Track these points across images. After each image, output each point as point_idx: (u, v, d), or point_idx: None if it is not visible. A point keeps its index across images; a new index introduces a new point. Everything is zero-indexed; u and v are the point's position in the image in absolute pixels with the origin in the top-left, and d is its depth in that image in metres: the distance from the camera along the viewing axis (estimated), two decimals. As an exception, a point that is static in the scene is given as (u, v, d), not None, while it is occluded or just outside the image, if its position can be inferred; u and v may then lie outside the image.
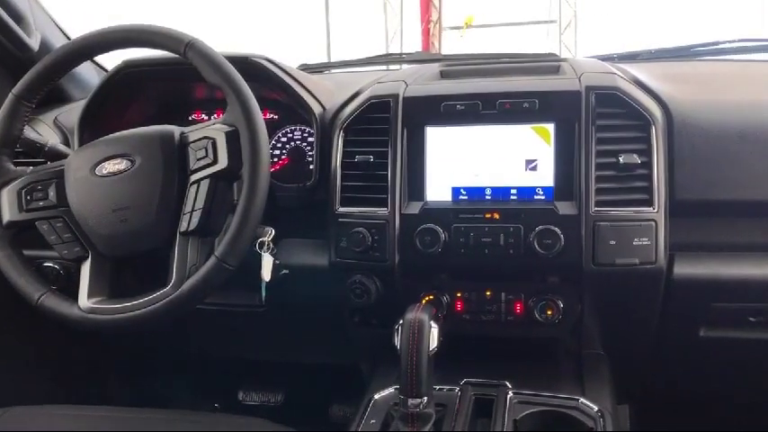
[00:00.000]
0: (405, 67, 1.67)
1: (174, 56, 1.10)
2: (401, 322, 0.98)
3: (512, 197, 1.20)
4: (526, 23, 11.16)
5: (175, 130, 1.12)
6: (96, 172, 1.11)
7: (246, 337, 1.64)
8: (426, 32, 11.52)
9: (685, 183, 1.18)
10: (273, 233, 1.19)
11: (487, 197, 1.21)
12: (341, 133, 1.27)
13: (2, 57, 1.47)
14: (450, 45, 11.50)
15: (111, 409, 1.27)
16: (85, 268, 1.11)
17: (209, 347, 1.76)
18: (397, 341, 0.97)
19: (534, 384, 1.15)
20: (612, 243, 1.14)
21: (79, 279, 1.11)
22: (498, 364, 1.21)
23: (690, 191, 1.18)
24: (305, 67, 1.72)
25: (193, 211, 1.05)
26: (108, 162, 1.11)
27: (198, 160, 1.07)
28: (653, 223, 1.14)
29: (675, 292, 1.20)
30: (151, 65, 1.40)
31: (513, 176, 1.20)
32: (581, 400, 1.11)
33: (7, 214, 1.13)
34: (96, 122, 1.40)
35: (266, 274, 1.19)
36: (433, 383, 0.98)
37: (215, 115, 1.52)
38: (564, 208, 1.16)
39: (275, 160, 1.46)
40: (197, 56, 1.08)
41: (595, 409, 1.09)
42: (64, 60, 1.16)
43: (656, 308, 1.23)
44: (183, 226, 1.06)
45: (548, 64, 1.38)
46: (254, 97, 1.07)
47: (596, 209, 1.14)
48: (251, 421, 1.20)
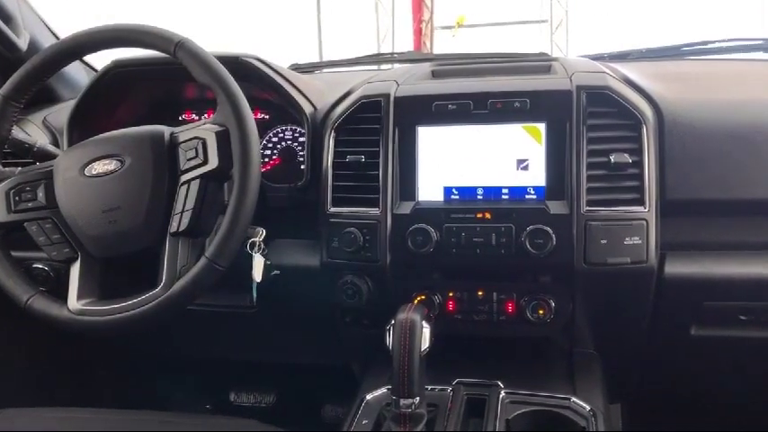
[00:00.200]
0: (396, 66, 1.67)
1: (164, 56, 1.10)
2: (393, 322, 0.98)
3: (503, 197, 1.20)
4: (517, 23, 11.16)
5: (165, 130, 1.12)
6: (86, 172, 1.10)
7: (237, 337, 1.63)
8: (418, 32, 11.51)
9: (676, 182, 1.18)
10: (264, 233, 1.19)
11: (479, 197, 1.21)
12: (332, 133, 1.27)
13: (-10, 57, 1.46)
14: (442, 45, 11.50)
15: (102, 411, 1.26)
16: (75, 269, 1.10)
17: (199, 348, 1.75)
18: (389, 341, 0.97)
19: (526, 384, 1.15)
20: (604, 242, 1.14)
21: (68, 280, 1.10)
22: (490, 363, 1.22)
23: (681, 190, 1.19)
24: (296, 67, 1.72)
25: (183, 211, 1.04)
26: (97, 162, 1.10)
27: (188, 160, 1.06)
28: (644, 222, 1.14)
29: (666, 291, 1.20)
30: (141, 65, 1.39)
31: (504, 176, 1.20)
32: (573, 399, 1.11)
33: None
34: (86, 123, 1.39)
35: (257, 274, 1.19)
36: (424, 384, 0.98)
37: (205, 115, 1.51)
38: (555, 207, 1.16)
39: (266, 160, 1.46)
40: (187, 55, 1.07)
41: (587, 408, 1.09)
42: (53, 60, 1.15)
43: (647, 307, 1.23)
44: (173, 227, 1.05)
45: (539, 63, 1.39)
46: (244, 97, 1.06)
47: (587, 208, 1.14)
48: (243, 422, 1.19)
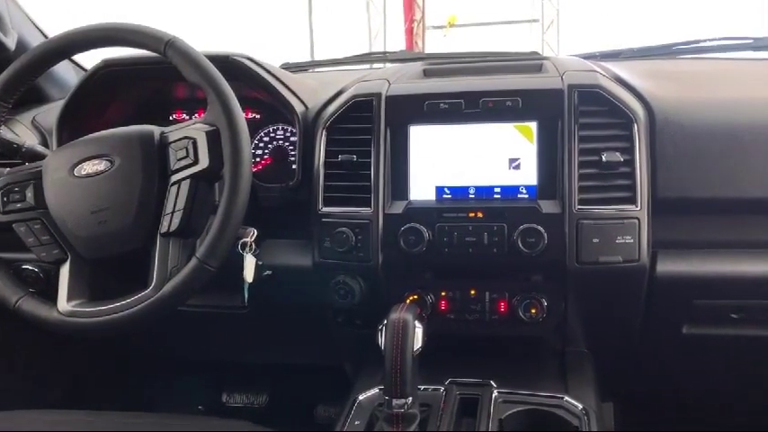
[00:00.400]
0: (388, 65, 1.67)
1: (155, 55, 1.09)
2: (385, 322, 0.97)
3: (495, 196, 1.20)
4: (509, 23, 11.20)
5: (155, 129, 1.11)
6: (75, 173, 1.09)
7: (229, 338, 1.63)
8: (410, 31, 11.51)
9: (667, 180, 1.19)
10: (256, 234, 1.18)
11: (471, 196, 1.21)
12: (324, 132, 1.27)
13: (-22, 57, 1.45)
14: (434, 44, 11.51)
15: (93, 413, 1.25)
16: (64, 271, 1.10)
17: (191, 350, 1.74)
18: (381, 341, 0.97)
19: (519, 383, 1.15)
20: (596, 241, 1.14)
21: (58, 282, 1.10)
22: (483, 363, 1.21)
23: (672, 188, 1.19)
24: (287, 66, 1.71)
25: (174, 212, 1.04)
26: (87, 163, 1.10)
27: (178, 160, 1.06)
28: (636, 221, 1.14)
29: (658, 289, 1.20)
30: (131, 64, 1.38)
31: (496, 175, 1.20)
32: (565, 398, 1.11)
33: None
34: (75, 123, 1.38)
35: (249, 275, 1.18)
36: (417, 384, 0.97)
37: (196, 115, 1.50)
38: (547, 206, 1.16)
39: (257, 160, 1.45)
40: (177, 54, 1.06)
41: (580, 407, 1.09)
42: (41, 59, 1.14)
43: (639, 305, 1.23)
44: (163, 227, 1.04)
45: (530, 62, 1.39)
46: (234, 96, 1.06)
47: (579, 207, 1.14)
48: (235, 424, 1.18)
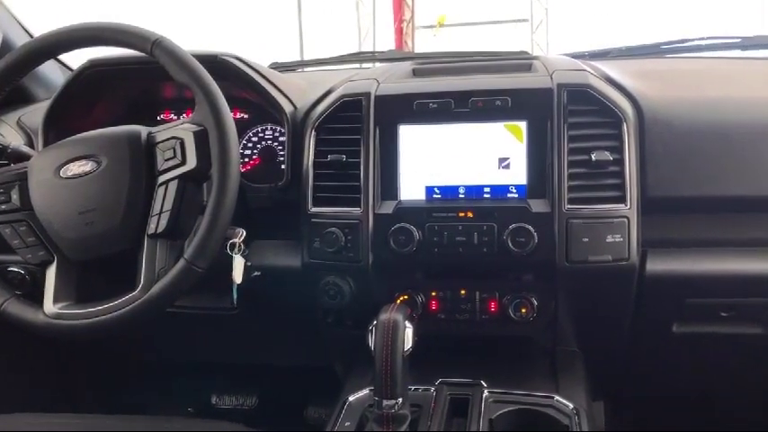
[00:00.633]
0: (377, 65, 1.67)
1: (142, 55, 1.08)
2: (375, 323, 0.97)
3: (485, 195, 1.20)
4: (498, 22, 11.24)
5: (143, 130, 1.10)
6: (61, 174, 1.09)
7: (218, 340, 1.62)
8: (399, 31, 11.53)
9: (657, 179, 1.19)
10: (244, 234, 1.18)
11: (461, 196, 1.21)
12: (313, 132, 1.26)
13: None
14: (423, 44, 11.54)
15: (82, 416, 1.25)
16: (51, 273, 1.09)
17: (179, 351, 1.73)
18: (371, 342, 0.96)
19: (510, 383, 1.15)
20: (585, 240, 1.14)
21: (44, 284, 1.09)
22: (473, 363, 1.21)
23: (661, 187, 1.19)
24: (276, 66, 1.71)
25: (161, 212, 1.03)
26: (73, 163, 1.09)
27: (166, 161, 1.05)
28: (625, 220, 1.14)
29: (648, 288, 1.20)
30: (118, 64, 1.37)
31: (486, 175, 1.20)
32: (556, 397, 1.11)
33: None
34: (61, 123, 1.36)
35: (237, 276, 1.17)
36: (407, 384, 0.97)
37: (184, 115, 1.49)
38: (537, 206, 1.16)
39: (246, 160, 1.45)
40: (164, 54, 1.06)
41: (570, 406, 1.09)
42: (26, 59, 1.13)
43: (629, 304, 1.23)
44: (151, 228, 1.04)
45: (520, 62, 1.39)
46: (222, 96, 1.05)
47: (569, 206, 1.14)
48: (225, 425, 1.18)
